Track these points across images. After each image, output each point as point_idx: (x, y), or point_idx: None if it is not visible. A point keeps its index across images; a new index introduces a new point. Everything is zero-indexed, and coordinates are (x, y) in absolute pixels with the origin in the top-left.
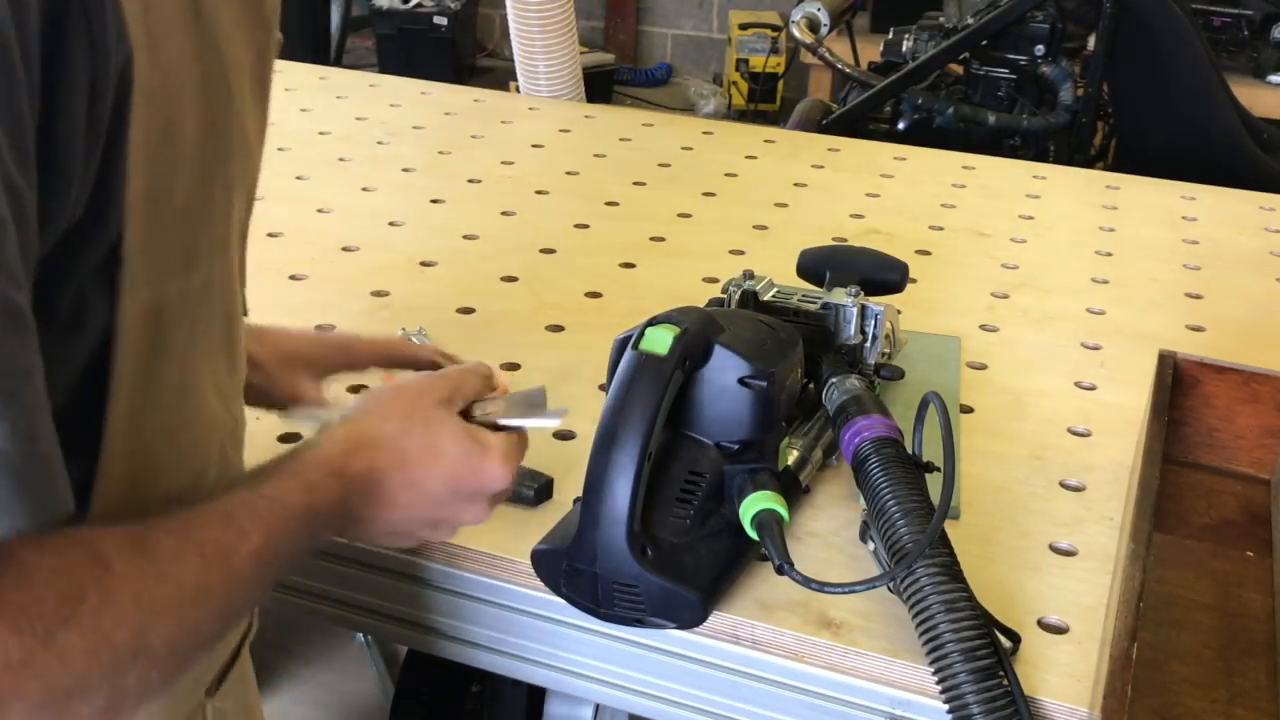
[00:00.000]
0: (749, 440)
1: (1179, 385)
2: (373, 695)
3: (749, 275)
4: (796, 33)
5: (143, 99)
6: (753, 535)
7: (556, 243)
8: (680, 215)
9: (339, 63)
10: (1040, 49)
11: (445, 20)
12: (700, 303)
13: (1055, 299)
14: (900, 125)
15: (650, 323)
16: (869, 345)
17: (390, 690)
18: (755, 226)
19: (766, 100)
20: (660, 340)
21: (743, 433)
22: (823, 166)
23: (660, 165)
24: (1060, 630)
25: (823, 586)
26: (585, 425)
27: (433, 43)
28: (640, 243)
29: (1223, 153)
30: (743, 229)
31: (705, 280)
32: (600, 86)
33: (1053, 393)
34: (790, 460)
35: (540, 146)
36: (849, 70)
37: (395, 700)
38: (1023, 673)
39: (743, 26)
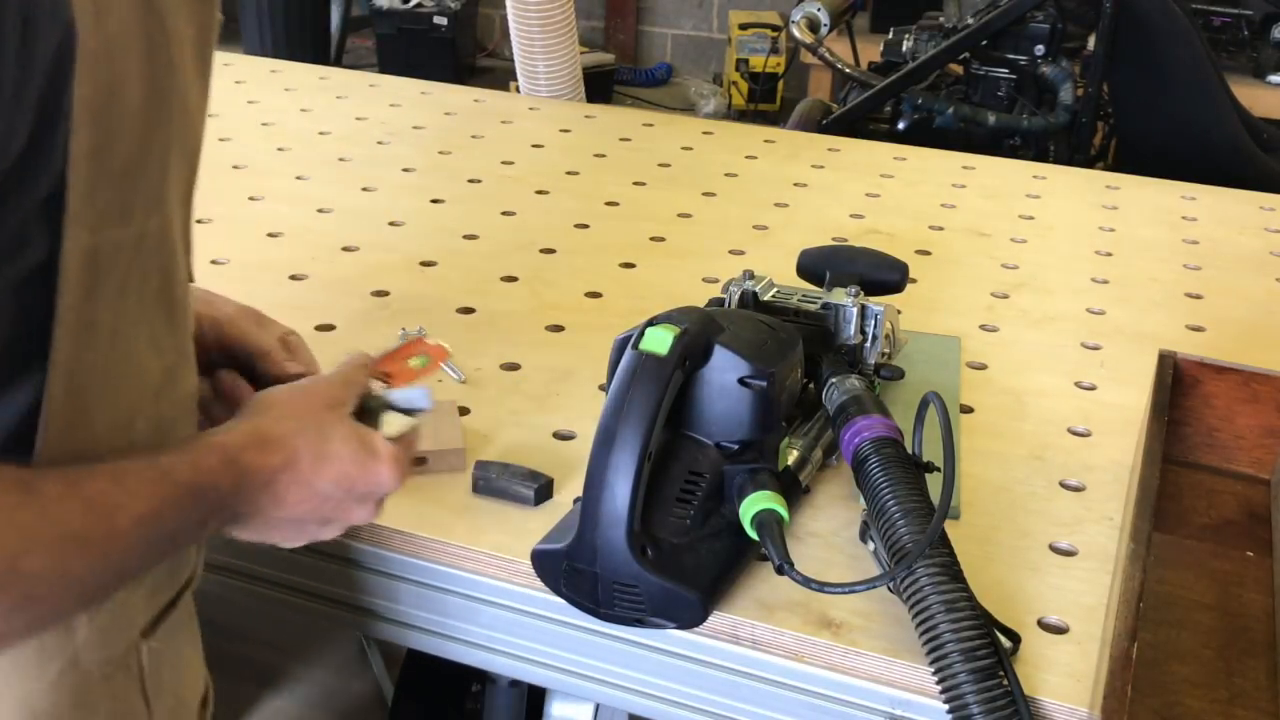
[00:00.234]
0: (749, 440)
1: (1179, 385)
2: (373, 695)
3: (749, 275)
4: (796, 33)
5: (87, 60)
6: (753, 535)
7: (556, 243)
8: (680, 215)
9: (339, 63)
10: (1040, 49)
11: (445, 20)
12: (700, 303)
13: (1055, 299)
14: (900, 125)
15: (650, 323)
16: (869, 345)
17: (390, 690)
18: (755, 226)
19: (766, 100)
20: (660, 340)
21: (743, 433)
22: (823, 166)
23: (660, 165)
24: (1060, 630)
25: (823, 586)
26: (585, 425)
27: (433, 43)
28: (640, 243)
29: (1223, 153)
30: (743, 229)
31: (705, 280)
32: (600, 86)
33: (1053, 393)
34: (790, 460)
35: (540, 146)
36: (849, 70)
37: (395, 700)
38: (1023, 673)
39: (743, 26)
